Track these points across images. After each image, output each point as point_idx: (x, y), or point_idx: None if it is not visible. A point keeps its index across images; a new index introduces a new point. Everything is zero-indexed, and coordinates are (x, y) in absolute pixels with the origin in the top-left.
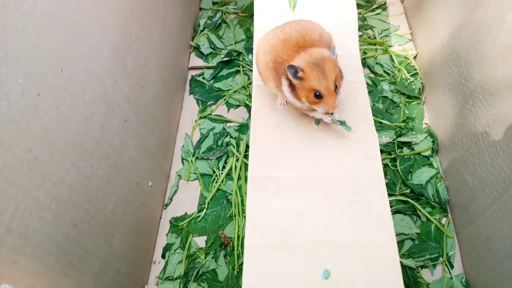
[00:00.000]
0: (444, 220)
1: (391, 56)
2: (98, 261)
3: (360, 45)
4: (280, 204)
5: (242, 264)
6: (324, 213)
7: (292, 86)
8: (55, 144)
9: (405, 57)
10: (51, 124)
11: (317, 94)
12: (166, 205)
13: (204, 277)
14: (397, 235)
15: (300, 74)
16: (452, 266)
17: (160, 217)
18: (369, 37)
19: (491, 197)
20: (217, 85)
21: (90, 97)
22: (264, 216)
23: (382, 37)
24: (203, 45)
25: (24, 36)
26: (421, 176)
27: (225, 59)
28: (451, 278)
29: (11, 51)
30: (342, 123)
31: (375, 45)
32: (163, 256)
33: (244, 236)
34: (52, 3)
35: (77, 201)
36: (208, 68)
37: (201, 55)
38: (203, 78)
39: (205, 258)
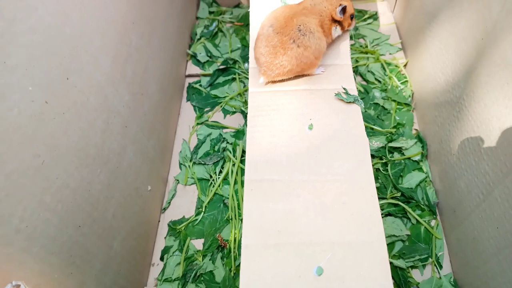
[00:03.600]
0: (433, 222)
1: (382, 64)
2: (99, 263)
3: (352, 53)
4: (275, 206)
5: (239, 265)
6: (316, 214)
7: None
8: (60, 149)
9: (396, 65)
10: (56, 130)
11: (352, 16)
12: (164, 209)
13: (202, 278)
14: (388, 236)
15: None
16: (441, 266)
17: (159, 221)
18: (361, 46)
19: (477, 200)
20: (213, 92)
21: (92, 105)
22: (260, 217)
23: (373, 46)
24: (200, 53)
25: (31, 47)
26: (411, 180)
27: (222, 67)
28: (440, 278)
29: (20, 61)
30: (355, 99)
31: (366, 53)
32: (161, 259)
33: (240, 239)
34: (57, 16)
35: (80, 204)
36: (204, 75)
37: (198, 63)
38: (200, 85)
39: (202, 260)
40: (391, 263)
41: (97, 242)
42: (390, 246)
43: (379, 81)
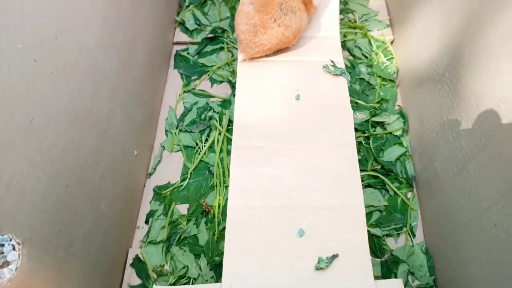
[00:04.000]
0: (409, 195)
1: (369, 40)
2: (87, 223)
3: (340, 28)
4: (261, 171)
5: (222, 230)
6: (300, 180)
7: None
8: (49, 109)
9: (383, 42)
10: (46, 90)
11: None
12: (150, 174)
13: (186, 241)
14: (367, 207)
15: None
16: (414, 235)
17: (144, 185)
18: (349, 21)
19: (452, 173)
20: (201, 60)
21: (81, 67)
22: (246, 180)
23: (362, 22)
24: (188, 21)
25: (21, 5)
26: (391, 154)
27: (210, 35)
28: (413, 246)
29: (11, 19)
30: (342, 72)
31: (355, 28)
32: (146, 222)
33: (225, 205)
34: None
35: (69, 165)
36: (192, 43)
37: (186, 30)
38: (188, 53)
39: (187, 224)
40: (368, 231)
41: (85, 202)
42: (368, 215)
43: (366, 57)
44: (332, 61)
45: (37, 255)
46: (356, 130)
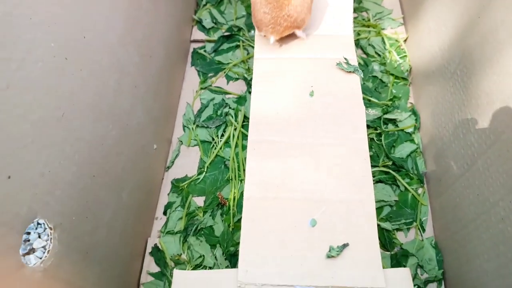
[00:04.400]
0: (420, 190)
1: (383, 38)
2: (110, 211)
3: (354, 27)
4: (275, 164)
5: (237, 221)
6: (312, 173)
7: None
8: (78, 104)
9: (396, 40)
10: (74, 86)
11: None
12: (168, 167)
13: (202, 232)
14: (378, 201)
15: None
16: (424, 230)
17: (162, 178)
18: (363, 19)
19: (461, 169)
20: (217, 58)
21: (106, 64)
22: (261, 173)
23: (375, 20)
24: (205, 19)
25: (52, 4)
26: (402, 150)
27: (226, 33)
28: (422, 240)
29: (44, 18)
30: (355, 69)
31: (368, 27)
32: (164, 213)
33: (239, 198)
34: None
35: (94, 156)
36: (209, 41)
37: (203, 29)
38: (205, 51)
39: (203, 216)
40: (378, 225)
41: (109, 192)
42: (379, 210)
43: (379, 55)
44: (345, 59)
45: (66, 239)
46: (368, 127)
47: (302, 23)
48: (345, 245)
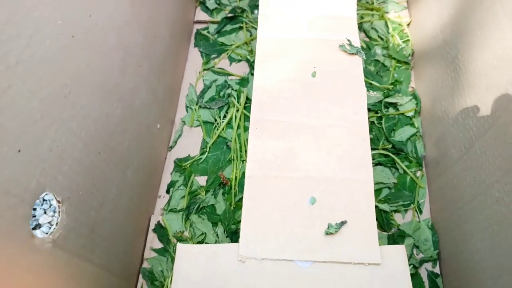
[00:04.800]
0: (418, 173)
1: (386, 22)
2: (115, 188)
3: (358, 10)
4: (277, 143)
5: (238, 201)
6: (313, 153)
7: None
8: (84, 82)
9: (399, 24)
10: (81, 64)
11: None
12: (171, 147)
13: (204, 210)
14: (377, 183)
15: None
16: (421, 212)
17: (165, 158)
18: (367, 2)
19: (459, 152)
20: (220, 39)
21: (111, 43)
22: (263, 152)
23: (379, 3)
24: (209, 0)
25: None
26: (402, 134)
27: (230, 15)
28: (419, 221)
29: None
30: (358, 50)
31: (372, 10)
32: (167, 192)
33: (241, 177)
34: None
35: (100, 134)
36: (212, 22)
37: (206, 9)
38: (208, 32)
39: (205, 195)
40: (376, 206)
41: (114, 169)
42: (378, 192)
43: (382, 39)
44: (348, 40)
45: (74, 213)
46: (369, 110)
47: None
48: (343, 223)
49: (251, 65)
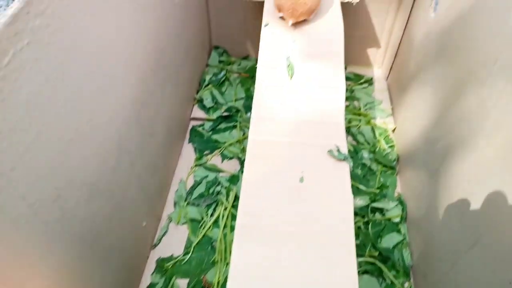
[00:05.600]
0: (406, 284)
1: (372, 127)
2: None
3: (346, 114)
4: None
5: None
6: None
7: None
8: (75, 185)
9: (385, 130)
10: (75, 168)
11: None
12: (155, 245)
13: None
14: None
15: None
16: None
17: (148, 257)
18: (354, 108)
19: (445, 268)
20: (215, 136)
21: (108, 144)
22: (248, 262)
23: (366, 109)
24: (206, 98)
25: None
26: (389, 240)
27: (225, 114)
28: None
29: None
30: (346, 157)
31: (359, 115)
32: None
33: (223, 283)
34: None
35: (84, 235)
36: (208, 120)
37: (203, 107)
38: (203, 128)
39: None
40: None
41: (93, 269)
42: None
43: (368, 143)
44: (337, 146)
45: None
46: (356, 214)
47: (312, 12)
48: None
49: (242, 163)
